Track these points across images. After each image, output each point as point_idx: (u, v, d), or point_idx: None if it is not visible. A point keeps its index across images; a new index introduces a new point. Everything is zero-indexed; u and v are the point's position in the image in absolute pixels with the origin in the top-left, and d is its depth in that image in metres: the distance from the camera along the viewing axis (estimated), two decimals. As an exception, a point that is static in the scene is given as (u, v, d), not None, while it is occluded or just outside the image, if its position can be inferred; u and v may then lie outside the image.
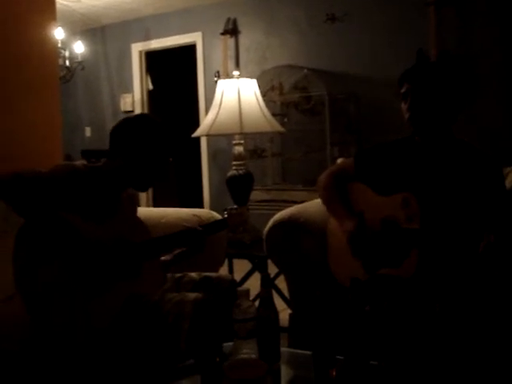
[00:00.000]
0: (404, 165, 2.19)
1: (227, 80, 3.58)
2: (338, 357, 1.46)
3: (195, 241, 2.15)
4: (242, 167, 3.58)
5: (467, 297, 1.88)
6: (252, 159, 5.52)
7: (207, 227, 2.24)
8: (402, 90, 2.14)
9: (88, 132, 7.55)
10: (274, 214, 2.71)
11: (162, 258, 2.17)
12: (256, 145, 5.74)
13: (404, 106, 2.15)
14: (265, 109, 3.53)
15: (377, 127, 5.17)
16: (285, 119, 5.62)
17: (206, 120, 3.53)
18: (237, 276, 3.19)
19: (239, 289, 1.67)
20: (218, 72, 6.23)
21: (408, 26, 5.09)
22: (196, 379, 1.50)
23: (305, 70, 5.59)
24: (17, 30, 2.74)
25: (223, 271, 2.92)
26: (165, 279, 2.16)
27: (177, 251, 2.20)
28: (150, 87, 7.30)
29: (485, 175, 2.10)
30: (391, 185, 2.14)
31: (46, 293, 1.76)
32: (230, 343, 1.60)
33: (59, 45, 5.48)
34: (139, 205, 2.46)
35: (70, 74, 6.28)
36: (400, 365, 1.71)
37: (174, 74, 7.75)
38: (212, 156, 6.58)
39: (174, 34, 6.69)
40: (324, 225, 2.34)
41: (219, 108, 3.44)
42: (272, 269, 2.91)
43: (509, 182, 2.36)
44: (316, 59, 5.67)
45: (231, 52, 6.25)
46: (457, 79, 2.20)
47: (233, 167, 3.59)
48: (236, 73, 3.79)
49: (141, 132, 2.06)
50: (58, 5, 3.14)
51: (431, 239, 1.97)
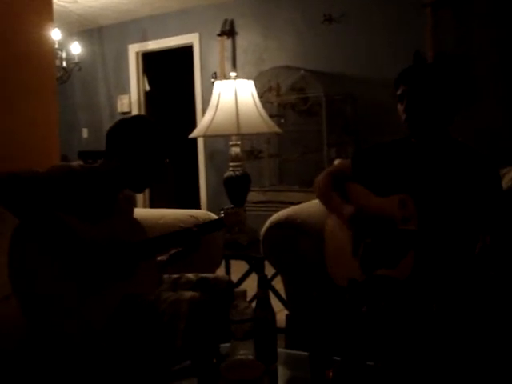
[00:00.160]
0: (401, 166, 2.19)
1: (224, 81, 3.58)
2: (335, 358, 1.46)
3: (190, 241, 2.14)
4: (239, 168, 3.58)
5: (464, 298, 1.88)
6: (249, 160, 5.52)
7: (202, 227, 2.24)
8: (398, 92, 2.14)
9: (85, 133, 7.54)
10: (271, 215, 2.71)
11: (158, 259, 2.17)
12: (253, 146, 5.74)
13: (400, 108, 2.15)
14: (262, 110, 3.54)
15: (374, 128, 5.18)
16: (282, 120, 5.62)
17: (203, 121, 3.53)
18: (234, 277, 3.19)
19: (236, 290, 1.67)
20: (215, 73, 6.23)
21: (405, 27, 5.10)
22: (193, 380, 1.50)
23: (302, 71, 5.59)
24: (14, 31, 2.73)
25: (220, 272, 2.92)
26: (161, 280, 2.16)
27: (172, 251, 2.20)
28: (147, 88, 7.30)
29: (481, 176, 2.10)
30: (388, 186, 2.15)
31: (42, 293, 1.76)
32: (227, 344, 1.60)
33: (56, 46, 5.48)
34: (136, 205, 2.46)
35: (67, 75, 6.27)
36: (397, 365, 1.71)
37: (171, 75, 7.75)
38: (209, 157, 6.58)
39: (171, 35, 6.69)
40: (321, 226, 2.34)
41: (216, 109, 3.44)
42: (269, 270, 2.92)
43: (505, 183, 2.36)
44: (313, 60, 5.68)
45: (228, 53, 6.26)
46: (453, 80, 2.20)
47: (230, 168, 3.59)
48: (233, 74, 3.79)
49: (137, 133, 2.06)
50: (55, 6, 3.14)
51: (428, 240, 1.97)
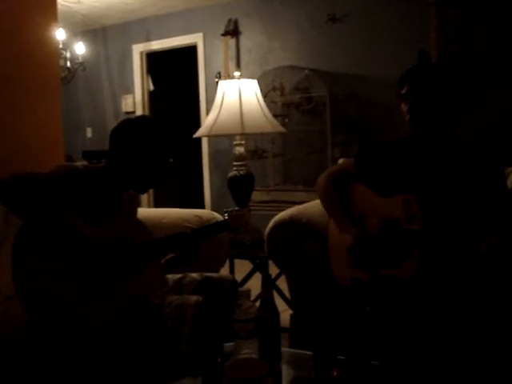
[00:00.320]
0: (405, 165, 2.18)
1: (228, 81, 3.58)
2: (339, 357, 1.46)
3: (186, 245, 2.11)
4: (243, 168, 3.58)
5: (468, 297, 1.88)
6: (253, 160, 5.51)
7: (199, 231, 2.21)
8: (403, 92, 2.13)
9: (89, 133, 7.56)
10: (275, 215, 2.71)
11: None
12: (257, 145, 5.74)
13: (404, 108, 2.14)
14: (266, 109, 3.54)
15: (378, 128, 5.18)
16: (286, 120, 5.62)
17: (207, 121, 3.53)
18: (238, 276, 3.18)
19: (240, 289, 1.67)
20: (219, 73, 6.23)
21: (409, 27, 5.09)
22: (197, 379, 1.50)
23: (306, 71, 5.60)
24: (18, 31, 2.74)
25: (224, 272, 2.92)
26: (165, 280, 2.16)
27: (169, 256, 2.15)
28: (151, 88, 7.30)
29: (486, 175, 2.09)
30: (392, 185, 2.14)
31: (46, 295, 1.76)
32: (231, 343, 1.60)
33: (60, 46, 5.49)
34: (140, 205, 2.46)
35: (71, 75, 6.28)
36: (401, 365, 1.71)
37: (175, 75, 7.75)
38: (213, 157, 6.58)
39: (175, 35, 6.69)
40: (325, 225, 2.33)
41: (220, 109, 3.44)
42: (273, 269, 2.92)
43: (510, 182, 2.36)
44: (317, 60, 5.67)
45: (232, 53, 6.25)
46: (458, 80, 2.19)
47: (234, 168, 3.59)
48: (237, 73, 3.79)
49: (141, 134, 2.06)
50: (59, 6, 3.15)
51: (432, 240, 1.97)
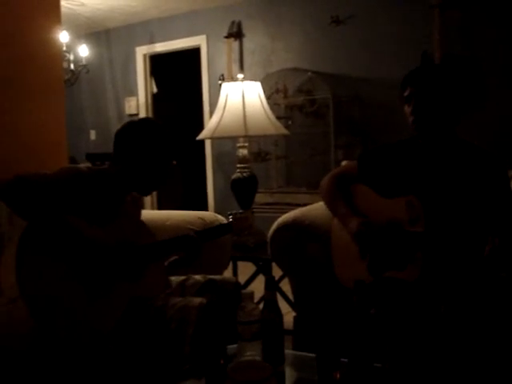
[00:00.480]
0: (408, 167, 2.18)
1: (231, 83, 3.58)
2: (342, 359, 1.46)
3: (189, 248, 2.11)
4: (247, 170, 3.58)
5: (472, 300, 1.88)
6: (256, 162, 5.51)
7: (203, 234, 2.21)
8: (405, 94, 2.12)
9: (93, 135, 7.57)
10: (278, 217, 2.71)
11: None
12: (260, 148, 5.74)
13: (407, 110, 2.13)
14: (269, 111, 3.54)
15: (382, 130, 5.17)
16: (289, 122, 5.62)
17: (211, 123, 3.53)
18: (241, 279, 3.19)
19: (243, 291, 1.67)
20: (223, 75, 6.24)
21: (412, 29, 5.09)
22: (200, 381, 1.50)
23: (309, 73, 5.60)
24: (22, 34, 2.75)
25: (228, 274, 2.93)
26: (168, 282, 2.16)
27: (172, 258, 2.15)
28: (155, 90, 7.31)
29: (490, 177, 2.09)
30: (395, 187, 2.14)
31: (49, 296, 1.76)
32: (235, 345, 1.60)
33: (64, 48, 5.50)
34: (144, 207, 2.46)
35: (75, 77, 6.29)
36: (404, 367, 1.70)
37: (179, 77, 7.77)
38: (216, 159, 6.58)
39: (179, 38, 6.70)
40: (328, 227, 2.33)
41: (223, 111, 3.44)
42: (276, 271, 2.91)
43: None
44: (320, 62, 5.68)
45: (235, 55, 6.26)
46: (461, 81, 2.19)
47: (237, 170, 3.59)
48: (240, 76, 3.80)
49: (145, 136, 2.06)
50: (63, 8, 3.16)
51: (436, 242, 1.97)
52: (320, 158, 5.44)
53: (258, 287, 2.00)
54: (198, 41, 6.58)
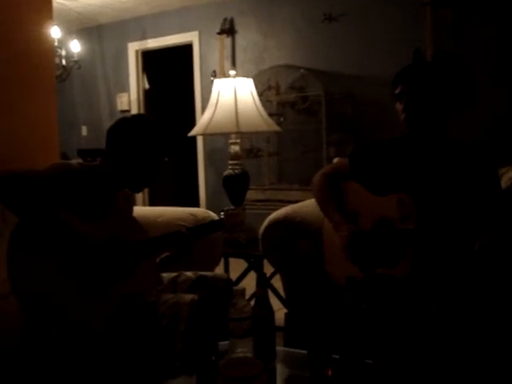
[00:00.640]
0: (399, 164, 2.19)
1: (224, 79, 3.58)
2: (334, 356, 1.46)
3: (181, 244, 2.12)
4: (238, 167, 3.59)
5: (462, 296, 1.89)
6: (248, 159, 5.51)
7: (194, 230, 2.21)
8: (397, 91, 2.13)
9: (84, 131, 7.54)
10: (270, 214, 2.71)
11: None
12: (252, 144, 5.74)
13: (399, 107, 2.14)
14: (261, 108, 3.54)
15: (374, 127, 5.18)
16: (281, 119, 5.63)
17: (203, 119, 3.53)
18: (233, 275, 3.19)
19: (235, 288, 1.67)
20: (215, 71, 6.23)
21: (405, 26, 5.10)
22: (192, 378, 1.50)
23: (301, 70, 5.60)
24: (13, 29, 2.73)
25: (219, 270, 2.93)
26: (160, 279, 2.16)
27: (164, 255, 2.15)
28: (147, 86, 7.30)
29: (480, 174, 2.10)
30: (386, 184, 2.14)
31: (41, 292, 1.76)
32: (226, 342, 1.60)
33: (56, 44, 5.47)
34: (135, 204, 2.46)
35: (67, 73, 6.27)
36: (396, 364, 1.71)
37: (171, 74, 7.74)
38: (208, 155, 6.58)
39: (171, 34, 6.69)
40: (319, 224, 2.34)
41: (215, 107, 3.44)
42: (268, 268, 2.92)
43: (504, 182, 2.37)
44: (313, 59, 5.68)
45: (228, 51, 6.25)
46: (452, 79, 2.20)
47: (229, 166, 3.60)
48: (232, 72, 3.79)
49: (137, 133, 2.06)
50: (55, 3, 3.14)
51: (426, 239, 1.97)
52: (312, 155, 5.44)
53: (250, 284, 2.00)
54: (190, 37, 6.57)
